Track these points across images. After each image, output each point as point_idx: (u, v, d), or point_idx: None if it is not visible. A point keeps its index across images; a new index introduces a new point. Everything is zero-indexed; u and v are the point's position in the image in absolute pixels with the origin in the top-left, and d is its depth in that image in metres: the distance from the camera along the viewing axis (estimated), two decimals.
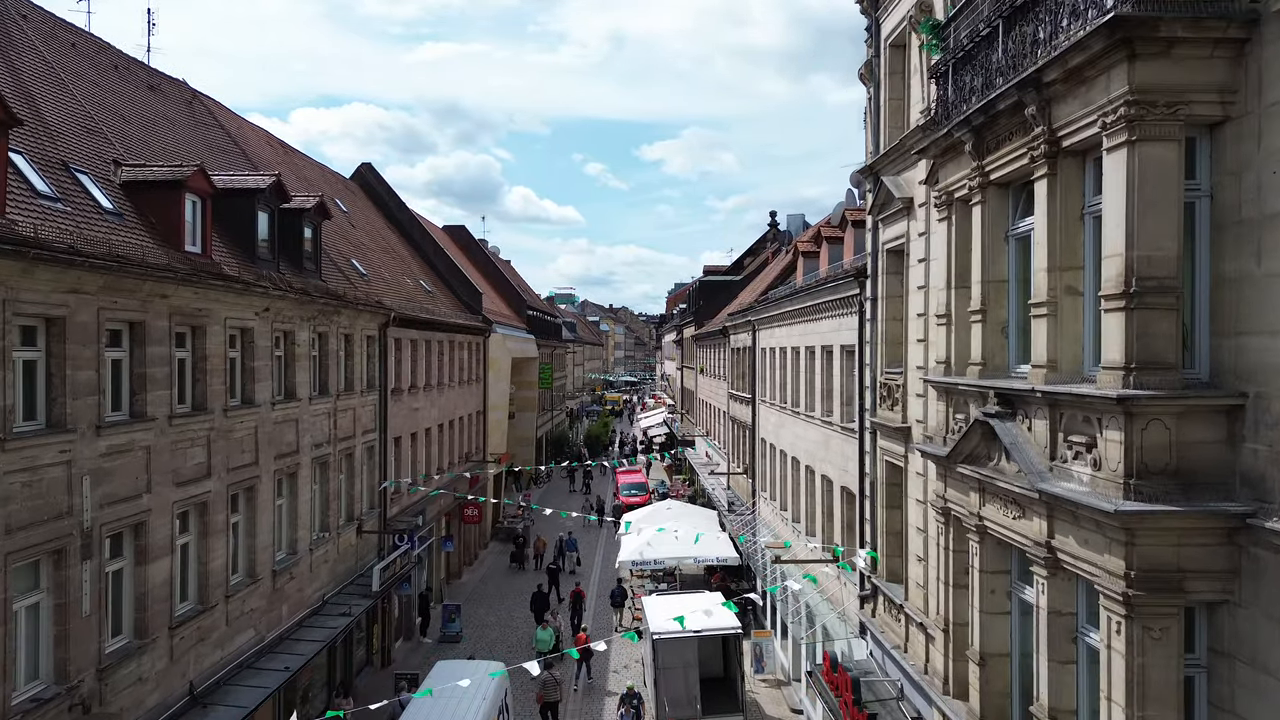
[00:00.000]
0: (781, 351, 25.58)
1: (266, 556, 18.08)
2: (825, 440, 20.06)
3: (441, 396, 32.71)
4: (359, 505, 23.74)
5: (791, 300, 23.25)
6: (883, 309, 15.47)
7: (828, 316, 19.75)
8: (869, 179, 16.25)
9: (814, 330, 21.17)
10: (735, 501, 33.41)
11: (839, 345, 18.88)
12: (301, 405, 19.75)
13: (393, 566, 23.95)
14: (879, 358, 15.66)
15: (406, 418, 28.25)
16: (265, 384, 17.97)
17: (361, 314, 23.54)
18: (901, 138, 14.12)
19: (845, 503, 18.71)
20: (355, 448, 23.36)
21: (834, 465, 19.32)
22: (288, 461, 19.03)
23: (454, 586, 34.16)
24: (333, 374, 21.69)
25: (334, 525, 21.81)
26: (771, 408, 27.01)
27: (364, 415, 24.08)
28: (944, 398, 10.57)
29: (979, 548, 9.40)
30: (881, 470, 15.55)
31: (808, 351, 22.09)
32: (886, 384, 15.12)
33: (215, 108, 26.16)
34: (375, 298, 25.30)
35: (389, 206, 41.11)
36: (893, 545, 15.42)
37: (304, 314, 19.89)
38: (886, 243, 15.27)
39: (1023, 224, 9.07)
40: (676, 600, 23.50)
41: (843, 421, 18.63)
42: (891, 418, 14.77)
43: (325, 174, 34.95)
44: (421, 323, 29.77)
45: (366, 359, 24.78)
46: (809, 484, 21.96)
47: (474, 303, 40.46)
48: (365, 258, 29.69)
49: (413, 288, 33.16)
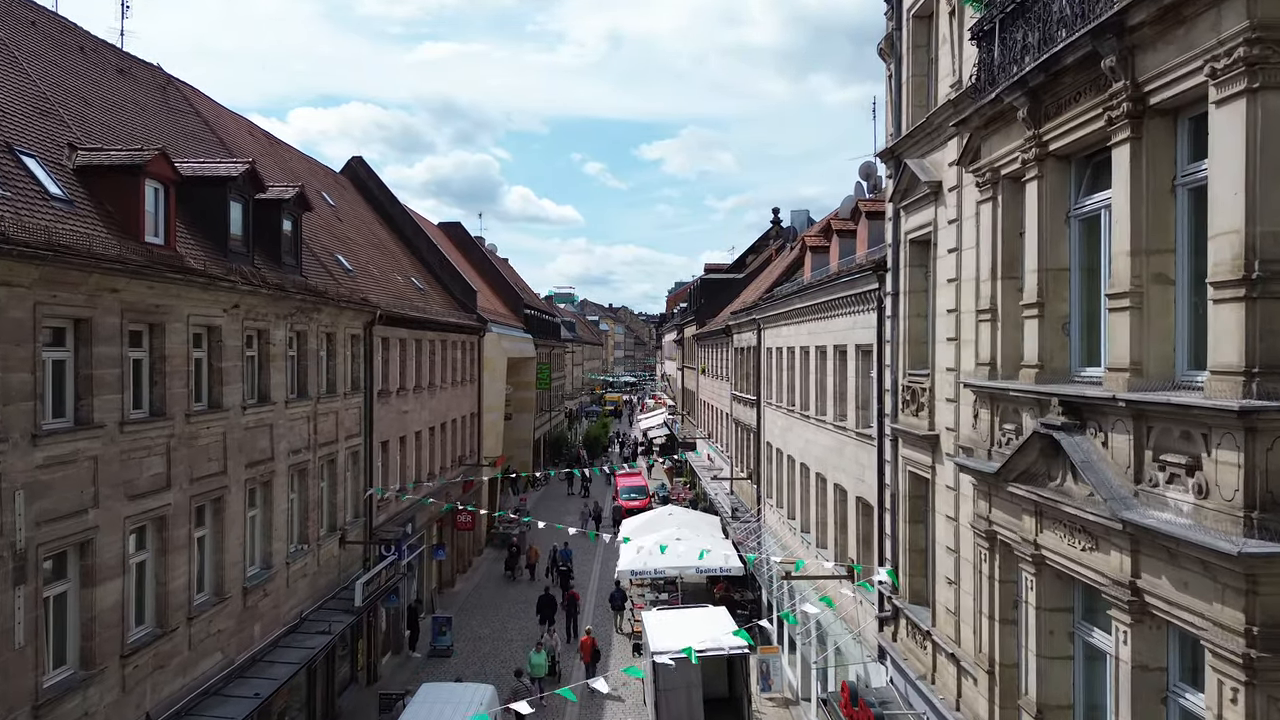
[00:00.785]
0: (789, 351, 24.24)
1: (236, 573, 16.73)
2: (838, 447, 18.71)
3: (433, 398, 31.37)
4: (342, 514, 22.40)
5: (800, 297, 21.91)
6: (905, 305, 14.13)
7: (841, 314, 18.40)
8: (889, 163, 14.91)
9: (826, 329, 19.83)
10: (739, 507, 32.07)
11: (854, 345, 17.53)
12: (277, 409, 18.41)
13: (378, 579, 22.61)
14: (901, 358, 14.32)
15: (395, 421, 26.91)
16: (235, 386, 16.63)
17: (344, 311, 22.20)
18: (928, 115, 12.77)
19: (861, 514, 17.37)
20: (338, 453, 22.01)
21: (848, 474, 17.98)
22: (261, 470, 17.69)
23: (446, 596, 32.82)
24: (312, 375, 20.35)
25: (314, 537, 20.46)
26: (778, 411, 25.66)
27: (347, 419, 22.73)
28: (987, 404, 9.22)
29: (1034, 580, 8.05)
30: (904, 481, 14.21)
31: (818, 352, 20.74)
32: (910, 387, 13.78)
33: (192, 94, 24.82)
34: (360, 294, 23.96)
35: (380, 202, 39.78)
36: (916, 564, 14.08)
37: (279, 311, 18.55)
38: (910, 232, 13.93)
39: (1091, 201, 7.72)
40: (678, 616, 22.15)
41: (858, 427, 17.29)
42: (916, 424, 13.42)
43: (312, 167, 33.61)
44: (411, 321, 28.43)
45: (350, 359, 23.43)
46: (820, 493, 20.61)
47: (468, 301, 39.12)
48: (352, 253, 28.34)
49: (403, 285, 31.83)
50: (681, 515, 32.72)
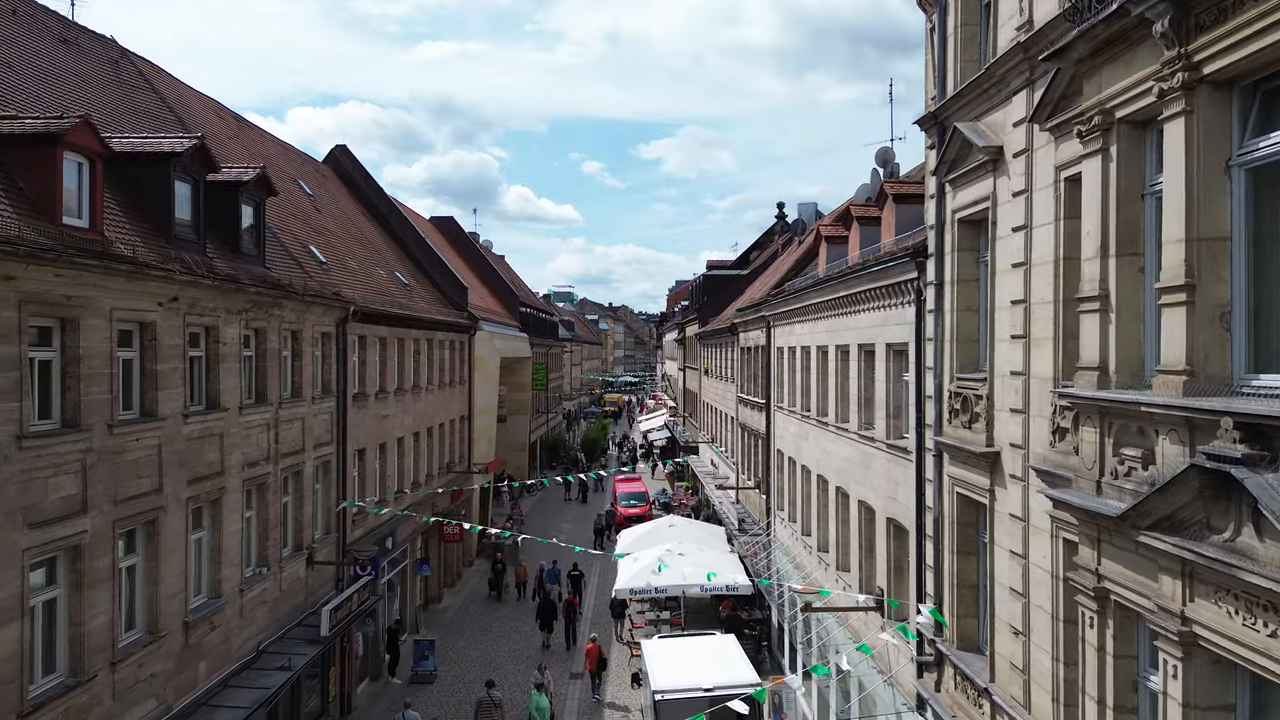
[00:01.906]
0: (803, 351, 22.06)
1: (176, 605, 14.56)
2: (864, 459, 16.54)
3: (418, 401, 29.20)
4: (310, 531, 20.23)
5: (818, 291, 19.74)
6: (952, 297, 11.96)
7: (868, 308, 16.23)
8: (931, 131, 12.74)
9: (849, 326, 17.66)
10: (746, 519, 29.88)
11: (884, 344, 15.36)
12: (229, 416, 16.24)
13: (350, 602, 20.43)
14: (946, 360, 12.15)
15: (373, 427, 24.74)
16: (174, 391, 14.46)
17: (312, 307, 20.03)
18: (987, 67, 10.60)
19: (892, 538, 15.20)
20: (304, 464, 19.84)
21: (877, 490, 15.81)
22: (208, 486, 15.52)
23: (432, 613, 30.65)
24: (273, 378, 18.18)
25: (275, 558, 18.29)
26: (791, 416, 23.49)
27: (316, 426, 20.56)
28: (1094, 421, 7.05)
29: (1180, 667, 5.87)
30: (951, 504, 12.04)
31: (839, 352, 18.57)
32: (960, 393, 11.61)
33: (150, 69, 22.66)
34: (333, 289, 21.80)
35: (366, 194, 37.62)
36: (966, 602, 11.91)
37: (232, 306, 16.38)
38: (959, 210, 11.76)
39: (1267, 142, 5.56)
40: (681, 647, 19.97)
41: (889, 437, 15.12)
42: (969, 439, 11.26)
43: (289, 153, 31.44)
44: (393, 318, 26.27)
45: (321, 360, 21.27)
46: (841, 509, 18.43)
47: (459, 298, 36.95)
48: (329, 245, 26.18)
49: (386, 280, 29.66)
50: (683, 527, 30.55)
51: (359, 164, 37.83)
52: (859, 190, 29.61)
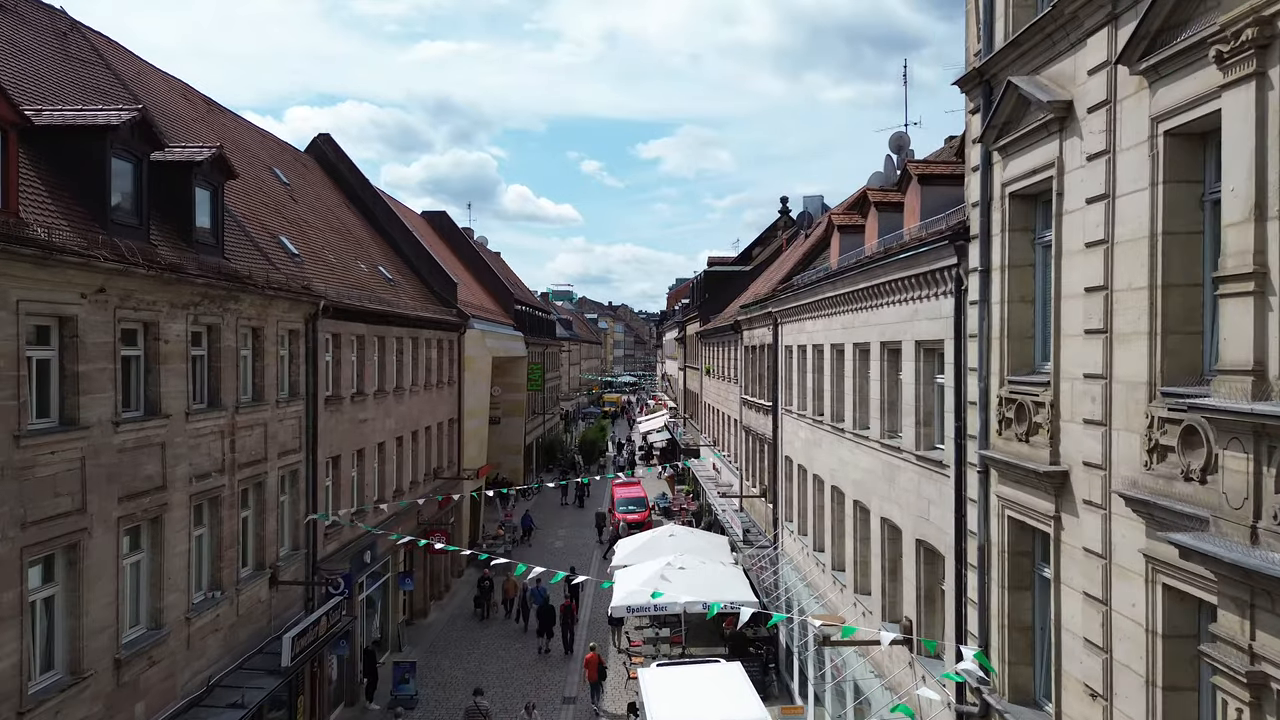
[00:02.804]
0: (815, 350, 20.23)
1: (104, 640, 12.74)
2: (888, 472, 14.72)
3: (401, 404, 27.38)
4: (274, 548, 18.42)
5: (832, 284, 17.91)
6: (1002, 285, 10.14)
7: (894, 302, 14.40)
8: (973, 92, 10.91)
9: (869, 321, 15.83)
10: (752, 529, 28.06)
11: (912, 341, 13.54)
12: (172, 423, 14.43)
13: (318, 626, 18.60)
14: (994, 359, 10.34)
15: (350, 432, 22.92)
16: (102, 396, 12.64)
17: (275, 301, 18.21)
18: (1054, 4, 8.76)
19: (923, 562, 13.38)
20: (267, 474, 18.02)
21: (903, 508, 13.99)
22: (145, 502, 13.70)
23: (417, 629, 28.84)
24: (229, 380, 16.37)
25: (230, 580, 16.47)
26: (801, 420, 21.66)
27: (282, 432, 18.75)
28: (1248, 444, 5.23)
29: None
30: (1001, 530, 10.22)
31: (857, 350, 16.74)
32: (1014, 400, 9.78)
33: (104, 45, 20.79)
34: (302, 282, 19.99)
35: (351, 184, 35.79)
36: (1019, 648, 10.09)
37: (177, 299, 14.56)
38: (1012, 183, 9.93)
39: None
40: (683, 677, 18.15)
41: (919, 448, 13.29)
42: (1026, 454, 9.44)
43: (265, 140, 29.62)
44: (372, 315, 24.45)
45: (289, 360, 19.47)
46: (860, 526, 16.61)
47: (448, 294, 35.14)
48: (303, 236, 24.37)
49: (367, 274, 27.84)
50: (684, 537, 28.72)
51: (343, 154, 36.01)
52: (871, 179, 27.85)
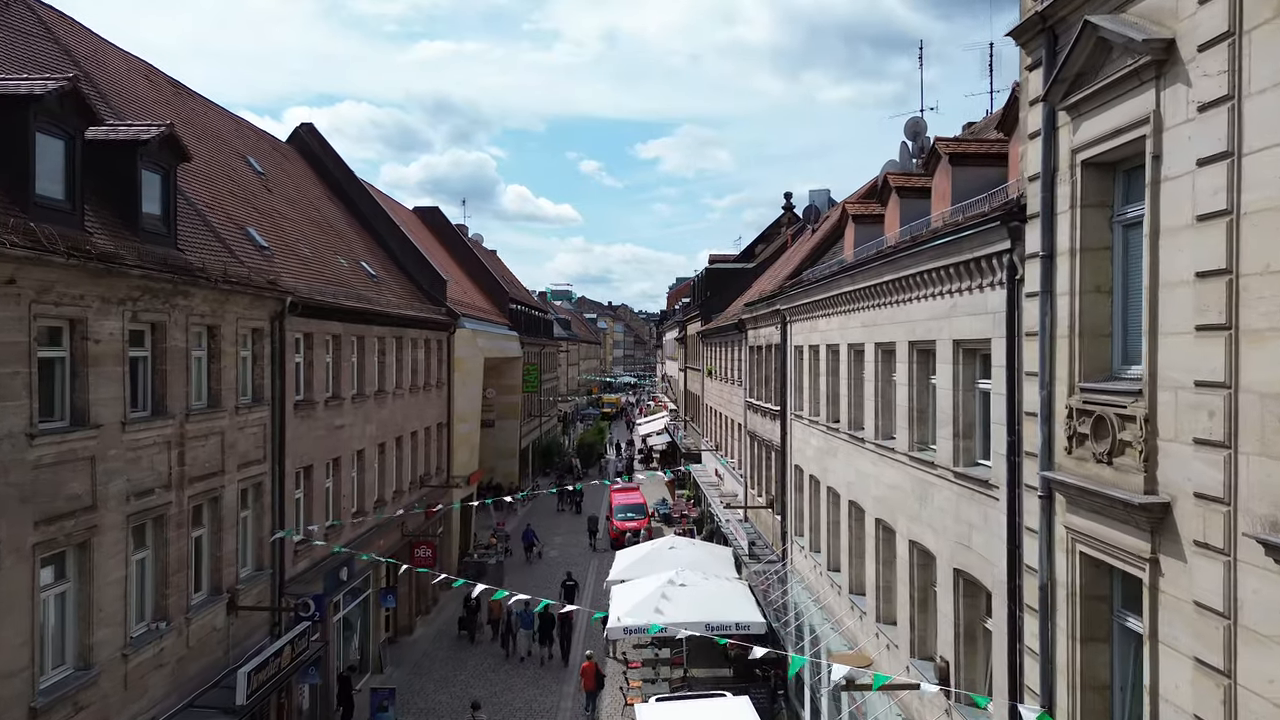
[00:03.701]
0: (830, 351, 18.48)
1: (17, 687, 10.99)
2: (918, 489, 12.95)
3: (382, 408, 25.63)
4: (233, 570, 16.67)
5: (851, 277, 16.14)
6: (1072, 273, 8.40)
7: (926, 296, 12.64)
8: (1035, 41, 9.14)
9: (894, 318, 14.07)
10: (758, 541, 26.29)
11: (950, 340, 11.78)
12: (105, 434, 12.69)
13: (281, 656, 16.85)
14: (1062, 362, 8.59)
15: (323, 439, 21.18)
16: (14, 405, 10.90)
17: (235, 297, 16.47)
18: None
19: (962, 595, 11.62)
20: (225, 489, 16.28)
21: (938, 531, 12.23)
22: (70, 525, 11.95)
23: (401, 647, 27.09)
24: (177, 384, 14.64)
25: (178, 608, 14.73)
26: (812, 428, 19.91)
27: (243, 441, 17.01)
28: None
29: None
30: (1072, 569, 8.47)
31: (880, 351, 14.98)
32: (1090, 411, 8.03)
33: (55, 19, 19.03)
34: (269, 276, 18.25)
35: (334, 176, 34.05)
36: (1095, 711, 8.34)
37: (110, 293, 12.82)
38: (1087, 148, 8.18)
39: None
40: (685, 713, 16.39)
41: (957, 464, 11.54)
42: (1109, 479, 7.69)
43: (241, 128, 27.87)
44: (349, 313, 22.71)
45: (252, 361, 17.74)
46: (884, 548, 14.85)
47: (437, 292, 33.39)
48: (276, 229, 22.64)
49: (347, 270, 26.11)
50: (685, 550, 26.97)
51: (327, 144, 34.26)
52: (886, 167, 26.13)
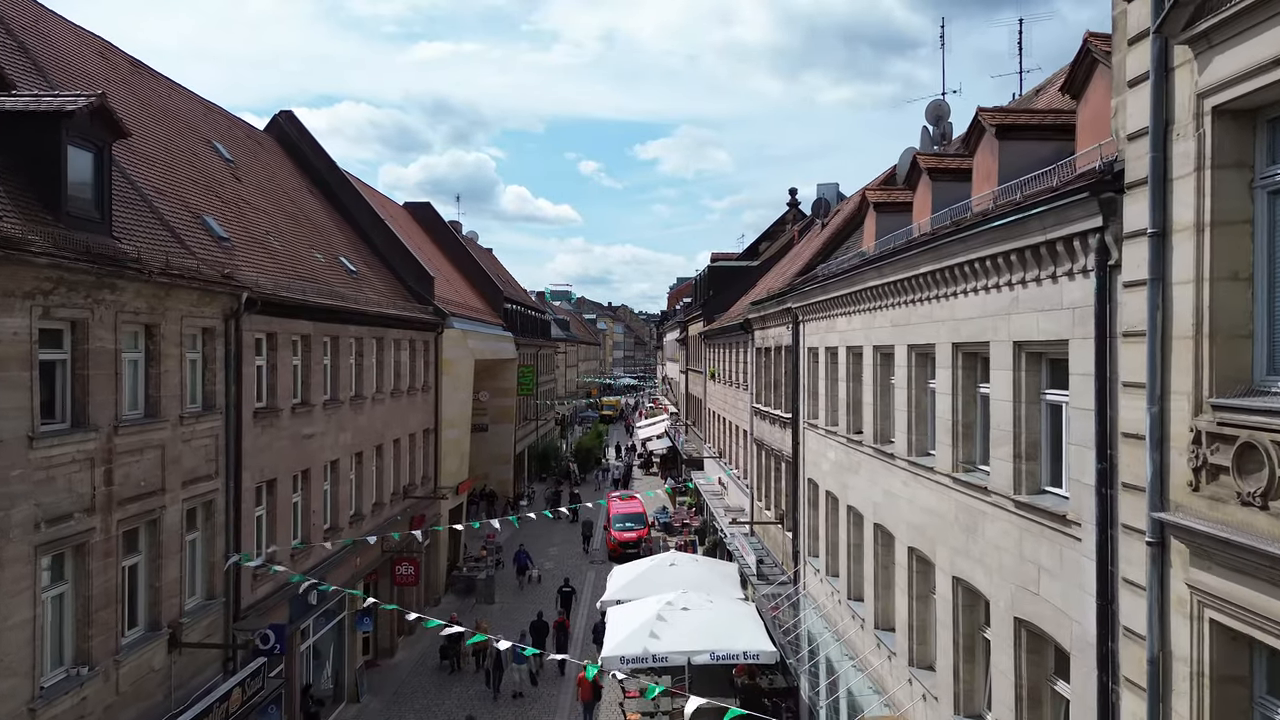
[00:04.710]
0: (851, 354, 16.52)
1: None
2: (965, 518, 11.00)
3: (360, 415, 23.68)
4: (175, 602, 14.71)
5: (878, 269, 14.18)
6: (1197, 254, 6.45)
7: (974, 290, 10.68)
8: None
9: (933, 316, 12.11)
10: (767, 559, 24.33)
11: (1008, 342, 9.82)
12: (6, 451, 10.75)
13: (228, 700, 14.89)
14: (1178, 371, 6.64)
15: (290, 450, 19.23)
16: None
17: (178, 292, 14.52)
18: None
19: (1024, 649, 9.66)
20: (166, 510, 14.33)
21: (991, 570, 10.27)
22: None
23: (381, 671, 25.12)
24: (103, 391, 12.70)
25: (105, 649, 12.78)
26: (830, 439, 17.95)
27: (190, 454, 15.07)
28: None
29: None
30: (1199, 641, 6.51)
31: (914, 355, 13.02)
32: (1228, 436, 6.08)
33: None
34: (225, 269, 16.31)
35: (314, 167, 32.11)
36: None
37: (12, 285, 10.88)
38: (1217, 92, 6.24)
39: None
40: None
41: (1019, 491, 9.58)
42: (1260, 526, 5.74)
43: (210, 113, 25.90)
44: (320, 311, 20.75)
45: (203, 365, 15.81)
46: (919, 582, 12.88)
47: (424, 290, 31.46)
48: (242, 219, 20.72)
49: (323, 265, 24.18)
50: (687, 567, 24.97)
51: (306, 133, 32.31)
52: (902, 157, 24.16)
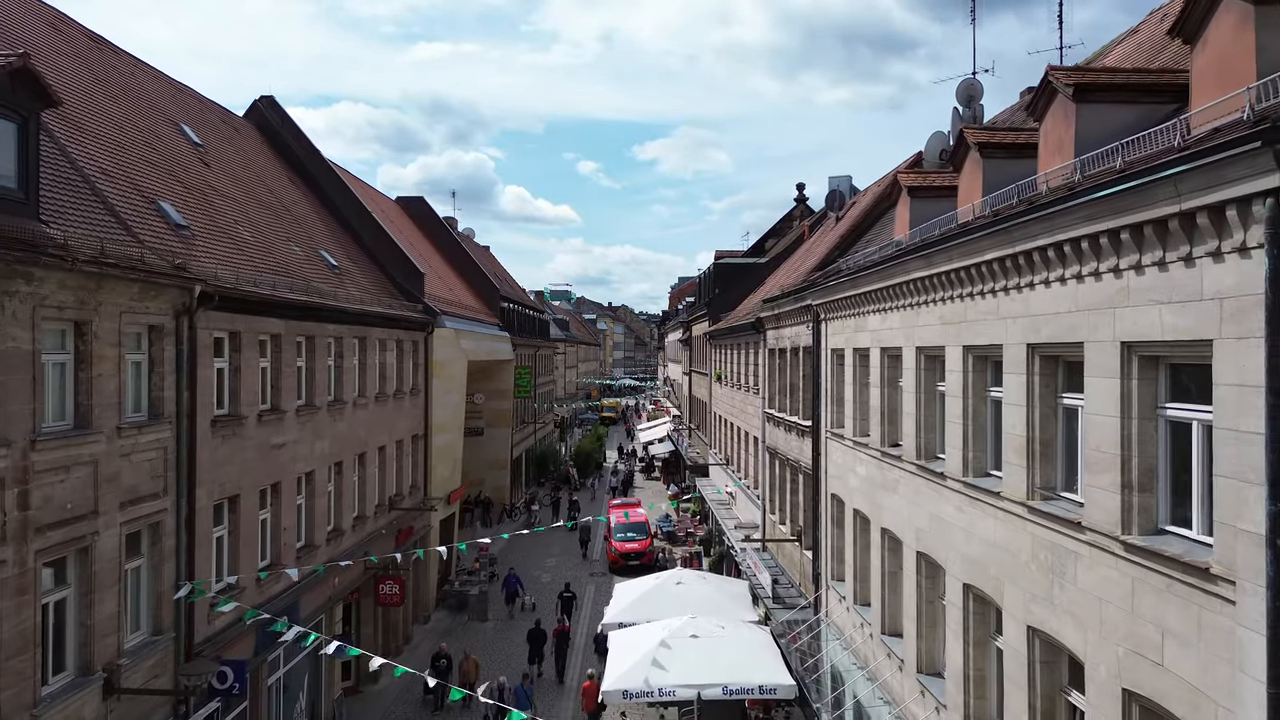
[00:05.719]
0: (887, 356, 14.59)
1: None
2: (1048, 557, 9.05)
3: (340, 421, 21.76)
4: (112, 641, 12.78)
5: (926, 259, 12.22)
6: None
7: (1060, 278, 8.73)
8: None
9: (999, 311, 10.16)
10: (782, 579, 22.38)
11: (1114, 344, 7.86)
12: None
13: None
14: None
15: (256, 462, 17.30)
16: None
17: (114, 284, 12.59)
18: None
19: None
20: (99, 535, 12.40)
21: (1088, 626, 8.32)
22: None
23: (365, 699, 23.21)
24: (18, 399, 10.79)
25: (20, 703, 10.82)
26: (858, 451, 16.02)
27: (131, 471, 13.14)
28: None
29: None
30: None
31: (972, 358, 11.07)
32: None
33: None
34: (177, 259, 14.38)
35: (296, 156, 30.16)
36: None
37: None
38: None
39: None
40: None
41: (1129, 529, 7.62)
42: None
43: (181, 95, 23.93)
44: (293, 308, 18.83)
45: (149, 367, 13.89)
46: (976, 625, 10.93)
47: (413, 286, 29.55)
48: (206, 207, 18.80)
49: (300, 258, 22.27)
50: (693, 585, 23.03)
51: (289, 119, 30.35)
52: (930, 141, 22.27)
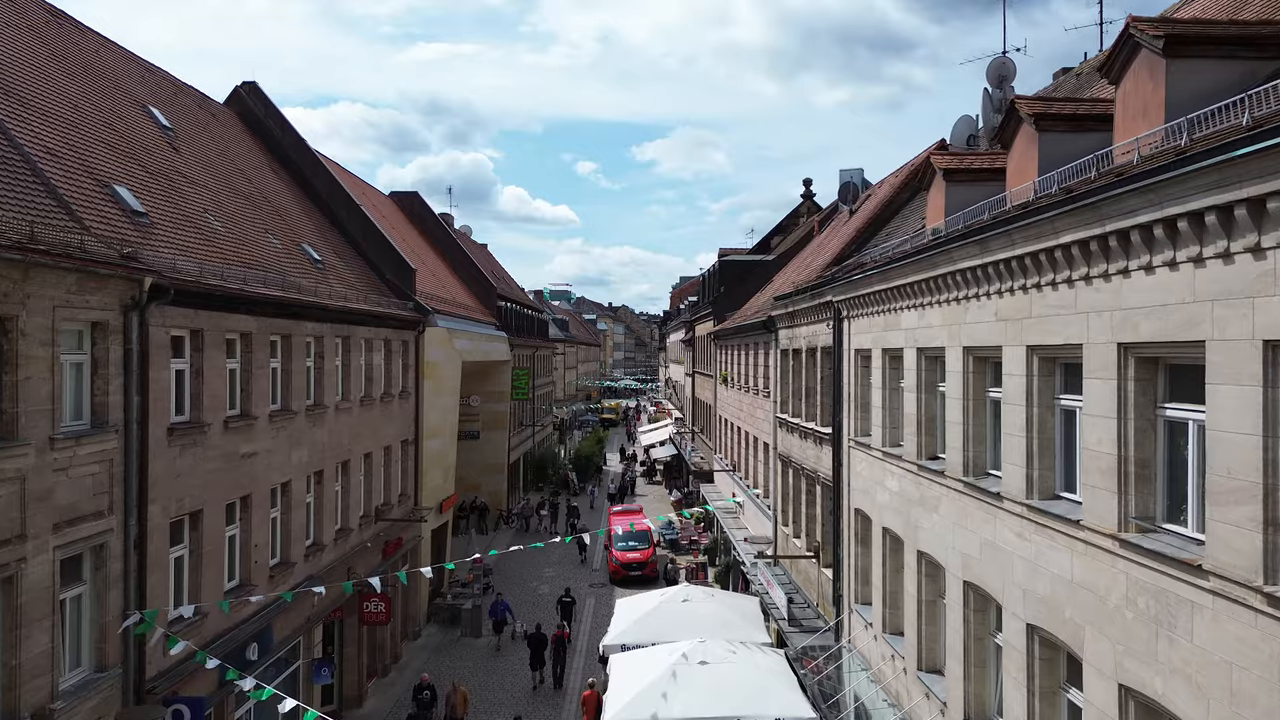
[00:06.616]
0: (925, 357, 12.98)
1: None
2: (1152, 605, 7.43)
3: (320, 427, 20.15)
4: (45, 682, 11.18)
5: (982, 245, 10.60)
6: None
7: (1166, 264, 7.11)
8: None
9: (1076, 304, 8.53)
10: (797, 598, 20.74)
11: (1246, 341, 6.21)
12: None
13: None
14: None
15: (221, 473, 15.70)
16: None
17: (45, 274, 10.99)
18: None
19: None
20: (28, 562, 10.81)
21: (1213, 695, 6.70)
22: None
23: None
24: None
25: None
26: (889, 463, 14.40)
27: (67, 487, 11.54)
28: None
29: None
30: None
31: (1037, 359, 9.45)
32: None
33: None
34: (130, 248, 12.78)
35: (280, 146, 28.59)
36: None
37: None
38: None
39: None
40: None
41: (1271, 581, 6.01)
42: None
43: (151, 76, 22.28)
44: (266, 304, 17.24)
45: (91, 369, 12.30)
46: (1043, 674, 9.30)
47: (403, 283, 27.96)
48: (172, 193, 17.22)
49: (279, 251, 20.69)
50: (700, 603, 21.27)
51: (273, 107, 28.75)
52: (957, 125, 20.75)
